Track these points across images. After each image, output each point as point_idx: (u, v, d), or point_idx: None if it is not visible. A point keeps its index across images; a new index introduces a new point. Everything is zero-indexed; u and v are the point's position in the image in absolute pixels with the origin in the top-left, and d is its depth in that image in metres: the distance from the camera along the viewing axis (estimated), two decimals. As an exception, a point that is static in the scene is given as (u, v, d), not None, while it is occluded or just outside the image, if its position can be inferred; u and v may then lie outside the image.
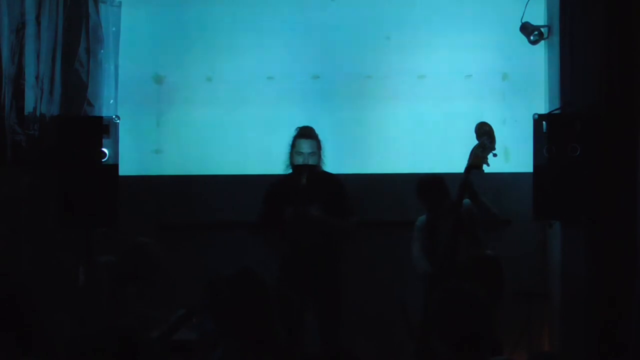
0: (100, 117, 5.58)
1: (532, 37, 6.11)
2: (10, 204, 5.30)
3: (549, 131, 5.37)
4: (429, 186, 5.53)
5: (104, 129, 5.41)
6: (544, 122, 5.40)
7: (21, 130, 5.38)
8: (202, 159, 6.47)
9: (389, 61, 6.47)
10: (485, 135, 4.99)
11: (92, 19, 5.90)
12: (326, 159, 5.49)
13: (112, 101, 6.07)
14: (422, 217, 5.70)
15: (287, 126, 5.83)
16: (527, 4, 6.06)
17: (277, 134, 6.14)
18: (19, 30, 5.34)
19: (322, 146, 5.45)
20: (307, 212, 5.25)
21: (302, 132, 5.45)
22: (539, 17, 6.18)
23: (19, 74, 5.37)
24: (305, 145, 5.40)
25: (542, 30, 6.12)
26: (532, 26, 6.11)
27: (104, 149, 5.38)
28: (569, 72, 5.67)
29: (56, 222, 5.35)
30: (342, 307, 5.42)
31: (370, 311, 5.96)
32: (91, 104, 5.88)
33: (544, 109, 5.94)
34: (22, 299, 2.99)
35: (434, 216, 5.56)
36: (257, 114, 6.45)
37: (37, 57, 5.51)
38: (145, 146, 6.46)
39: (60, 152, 5.35)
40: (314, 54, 6.47)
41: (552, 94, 5.97)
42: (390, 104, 6.46)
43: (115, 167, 5.42)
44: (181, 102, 6.50)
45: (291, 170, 5.44)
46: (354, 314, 5.62)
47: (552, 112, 5.65)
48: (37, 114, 5.50)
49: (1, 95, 5.21)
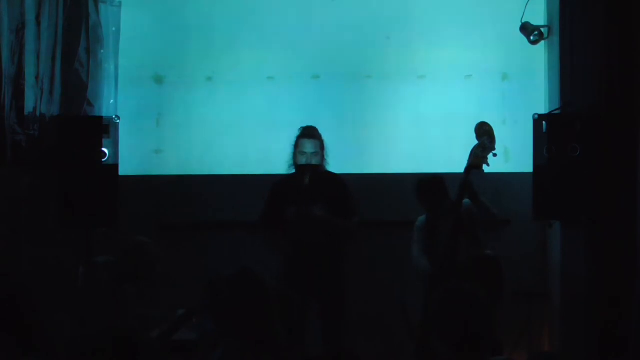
0: (100, 117, 5.59)
1: (532, 37, 6.11)
2: (10, 204, 5.30)
3: (549, 131, 5.37)
4: (428, 186, 5.52)
5: (104, 129, 5.41)
6: (544, 122, 5.40)
7: (21, 130, 5.38)
8: (202, 159, 6.47)
9: (389, 61, 6.48)
10: (485, 135, 4.99)
11: (92, 19, 5.91)
12: (329, 159, 5.50)
13: (112, 101, 6.08)
14: (421, 217, 5.70)
15: (287, 126, 5.83)
16: (527, 4, 6.06)
17: (277, 134, 6.15)
18: (19, 30, 5.35)
19: (325, 146, 5.45)
20: (310, 212, 5.25)
21: (306, 132, 5.45)
22: (539, 17, 6.18)
23: (19, 74, 5.38)
24: (308, 145, 5.40)
25: (542, 30, 6.11)
26: (532, 26, 6.10)
27: (104, 149, 5.38)
28: (569, 72, 5.67)
29: (56, 222, 5.35)
30: (345, 307, 5.42)
31: (370, 311, 5.95)
32: (91, 104, 5.88)
33: (544, 109, 5.94)
34: (22, 299, 2.99)
35: (434, 216, 5.55)
36: (257, 114, 6.45)
37: (37, 57, 5.51)
38: (145, 146, 6.46)
39: (60, 152, 5.36)
40: (314, 54, 6.46)
41: (552, 94, 5.97)
42: (390, 104, 6.46)
43: (115, 167, 5.43)
44: (181, 102, 6.50)
45: (294, 170, 5.45)
46: (354, 314, 5.61)
47: (552, 112, 5.65)
48: (37, 114, 5.51)
49: (1, 95, 5.21)
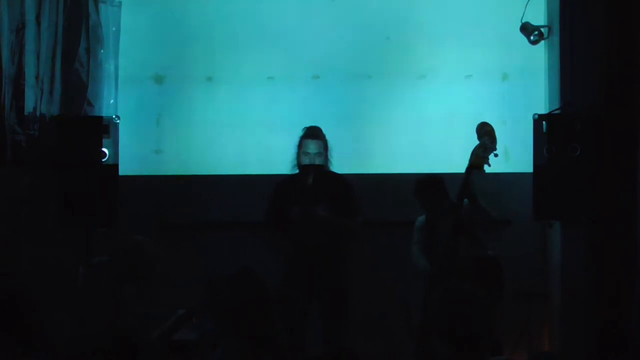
0: (100, 117, 5.59)
1: (532, 37, 6.11)
2: (10, 204, 5.30)
3: (549, 131, 5.37)
4: (427, 186, 5.52)
5: (104, 129, 5.41)
6: (544, 122, 5.40)
7: (21, 130, 5.38)
8: (202, 159, 6.47)
9: (389, 61, 6.48)
10: (486, 135, 4.99)
11: (92, 19, 5.91)
12: (333, 159, 5.50)
13: (112, 101, 6.08)
14: (421, 218, 5.70)
15: (287, 126, 5.83)
16: (527, 4, 6.06)
17: (277, 134, 6.15)
18: (19, 30, 5.35)
19: (328, 146, 5.45)
20: (313, 212, 5.25)
21: (309, 132, 5.44)
22: (539, 17, 6.18)
23: (19, 74, 5.38)
24: (312, 145, 5.39)
25: (542, 30, 6.11)
26: (532, 26, 6.10)
27: (104, 149, 5.38)
28: (569, 72, 5.67)
29: (56, 222, 5.35)
30: (347, 308, 5.41)
31: (370, 311, 5.95)
32: (91, 104, 5.88)
33: (544, 109, 5.94)
34: (22, 299, 2.99)
35: (433, 216, 5.55)
36: (257, 114, 6.45)
37: (37, 57, 5.51)
38: (145, 146, 6.46)
39: (60, 152, 5.35)
40: (314, 54, 6.46)
41: (552, 94, 5.97)
42: (390, 104, 6.46)
43: (115, 167, 5.42)
44: (181, 102, 6.50)
45: (298, 170, 5.45)
46: (355, 314, 5.61)
47: (552, 112, 5.64)
48: (37, 114, 5.51)
49: (1, 95, 5.22)
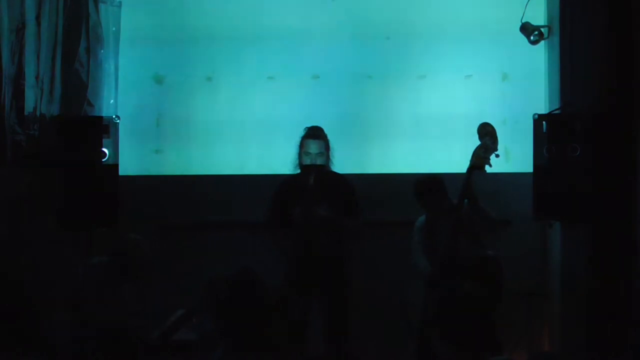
0: (100, 117, 5.59)
1: (532, 37, 6.11)
2: (10, 204, 5.30)
3: (549, 131, 5.37)
4: (426, 186, 5.51)
5: (104, 129, 5.41)
6: (544, 122, 5.40)
7: (21, 130, 5.38)
8: (202, 159, 6.47)
9: (389, 61, 6.47)
10: (487, 135, 4.99)
11: (92, 18, 5.91)
12: (335, 160, 5.50)
13: (112, 101, 6.08)
14: (421, 218, 5.70)
15: (287, 126, 5.82)
16: (527, 4, 6.06)
17: (277, 134, 6.15)
18: (19, 30, 5.35)
19: (330, 147, 5.45)
20: (314, 212, 5.25)
21: (310, 132, 5.45)
22: (539, 17, 6.17)
23: (19, 74, 5.38)
24: (313, 145, 5.40)
25: (542, 30, 6.11)
26: (532, 26, 6.10)
27: (104, 149, 5.38)
28: (569, 72, 5.67)
29: (56, 222, 5.35)
30: (347, 308, 5.41)
31: (370, 311, 5.95)
32: (91, 104, 5.89)
33: (544, 109, 5.94)
34: (22, 299, 2.99)
35: (433, 216, 5.55)
36: (257, 114, 6.44)
37: (37, 57, 5.52)
38: (145, 146, 6.46)
39: (60, 152, 5.36)
40: (314, 54, 6.46)
41: (552, 94, 5.97)
42: (390, 104, 6.46)
43: (115, 167, 5.43)
44: (181, 102, 6.50)
45: (299, 170, 5.45)
46: (355, 314, 5.61)
47: (552, 112, 5.64)
48: (37, 114, 5.51)
49: (1, 95, 5.22)
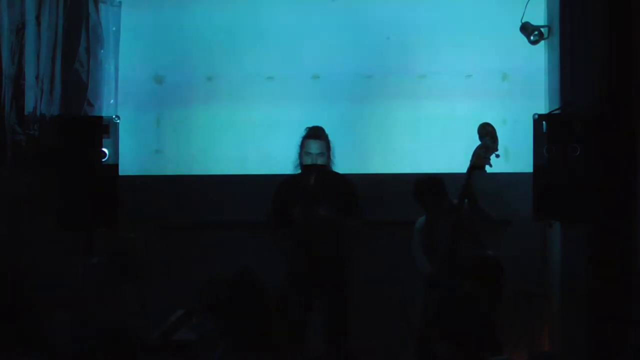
0: (100, 117, 5.59)
1: (532, 37, 6.11)
2: (10, 204, 5.30)
3: (549, 131, 5.37)
4: (426, 187, 5.52)
5: (104, 129, 5.41)
6: (544, 122, 5.40)
7: (21, 130, 5.37)
8: (202, 159, 6.47)
9: (389, 61, 6.47)
10: (488, 136, 4.99)
11: (92, 18, 5.91)
12: (336, 160, 5.50)
13: (112, 101, 6.08)
14: (421, 218, 5.70)
15: (287, 126, 5.82)
16: (527, 4, 6.05)
17: (277, 134, 6.15)
18: (19, 30, 5.34)
19: (331, 147, 5.45)
20: (315, 212, 5.25)
21: (311, 132, 5.45)
22: (539, 17, 6.17)
23: (19, 74, 5.36)
24: (313, 145, 5.40)
25: (542, 30, 6.11)
26: (532, 26, 6.10)
27: (104, 149, 5.38)
28: (569, 72, 5.67)
29: (56, 222, 5.35)
30: (347, 308, 5.40)
31: (370, 311, 5.95)
32: (91, 104, 5.88)
33: (544, 109, 5.93)
34: (22, 299, 2.99)
35: (433, 216, 5.55)
36: (257, 114, 6.45)
37: (37, 57, 5.50)
38: (145, 146, 6.46)
39: (60, 152, 5.36)
40: (314, 54, 6.46)
41: (552, 94, 5.97)
42: (390, 104, 6.46)
43: (115, 167, 5.43)
44: (181, 102, 6.50)
45: (300, 170, 5.45)
46: (355, 314, 5.61)
47: (552, 112, 5.64)
48: (37, 114, 5.50)
49: (1, 95, 5.21)
